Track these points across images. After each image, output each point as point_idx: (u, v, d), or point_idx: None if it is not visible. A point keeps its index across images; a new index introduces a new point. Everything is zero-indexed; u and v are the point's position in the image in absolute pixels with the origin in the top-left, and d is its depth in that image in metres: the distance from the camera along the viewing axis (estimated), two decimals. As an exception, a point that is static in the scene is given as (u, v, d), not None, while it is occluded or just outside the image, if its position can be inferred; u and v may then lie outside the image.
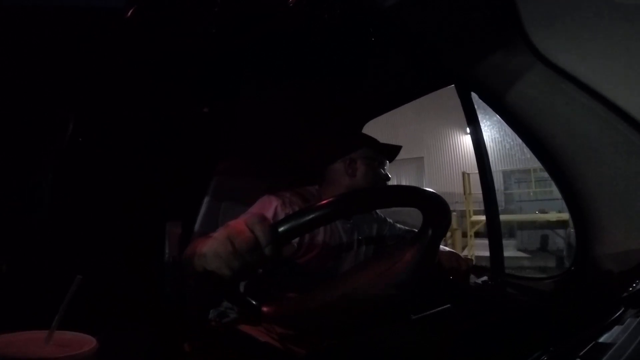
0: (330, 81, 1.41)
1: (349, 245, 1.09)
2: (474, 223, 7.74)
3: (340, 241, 1.07)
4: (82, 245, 1.18)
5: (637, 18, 0.67)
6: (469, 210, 7.93)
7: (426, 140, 11.00)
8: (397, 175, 10.51)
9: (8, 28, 0.89)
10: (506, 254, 1.12)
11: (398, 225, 1.26)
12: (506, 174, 8.99)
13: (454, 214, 7.33)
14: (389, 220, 1.25)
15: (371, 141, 1.14)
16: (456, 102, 1.18)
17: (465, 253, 6.81)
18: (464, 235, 7.68)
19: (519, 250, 7.38)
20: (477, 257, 6.24)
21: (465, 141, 10.42)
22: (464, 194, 8.07)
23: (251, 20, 1.00)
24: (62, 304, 0.46)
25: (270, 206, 1.00)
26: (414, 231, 1.25)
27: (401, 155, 1.19)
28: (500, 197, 8.24)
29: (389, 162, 1.16)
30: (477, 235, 7.62)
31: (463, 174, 8.38)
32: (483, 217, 8.07)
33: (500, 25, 0.85)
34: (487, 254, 1.19)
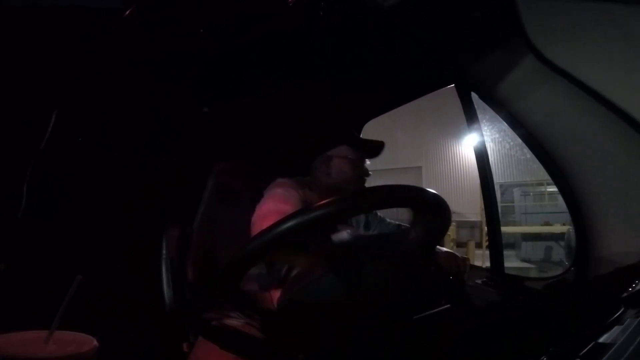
0: (330, 81, 1.41)
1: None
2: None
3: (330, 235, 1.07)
4: (82, 246, 1.18)
5: (636, 19, 0.67)
6: (484, 221, 7.90)
7: (425, 149, 10.72)
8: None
9: (8, 28, 0.89)
10: (510, 264, 1.11)
11: (388, 220, 1.26)
12: (502, 187, 9.06)
13: (452, 224, 7.34)
14: (379, 214, 1.25)
15: (349, 138, 1.14)
16: (457, 110, 1.17)
17: (479, 264, 6.72)
18: (477, 246, 7.61)
19: (523, 260, 7.31)
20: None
21: (465, 152, 10.12)
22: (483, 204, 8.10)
23: (251, 20, 1.00)
24: (62, 304, 0.46)
25: (290, 195, 1.02)
26: (405, 225, 1.26)
27: (398, 164, 1.18)
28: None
29: (372, 158, 1.14)
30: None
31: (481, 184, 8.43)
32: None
33: (501, 25, 0.85)
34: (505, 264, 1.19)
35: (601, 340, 0.42)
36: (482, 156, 1.22)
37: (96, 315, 0.81)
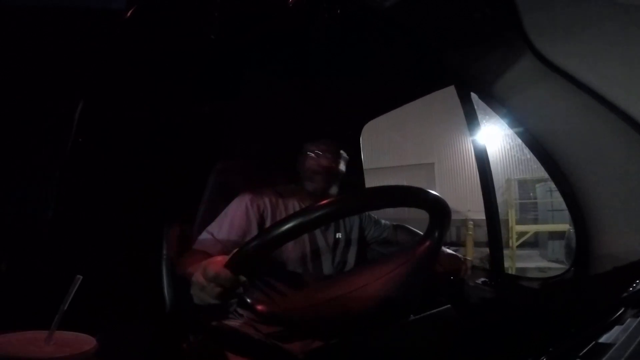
0: (330, 81, 1.41)
1: (330, 241, 1.09)
2: (521, 234, 7.11)
3: (320, 238, 1.07)
4: (82, 246, 1.18)
5: (636, 18, 0.67)
6: (512, 219, 7.30)
7: (437, 145, 10.18)
8: (404, 182, 9.54)
9: (8, 28, 0.89)
10: (536, 264, 1.09)
11: (383, 221, 1.26)
12: (521, 183, 8.52)
13: (469, 223, 6.95)
14: (373, 216, 1.25)
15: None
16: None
17: (506, 265, 6.22)
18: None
19: (551, 260, 6.94)
20: (521, 269, 5.97)
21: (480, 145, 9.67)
22: (508, 201, 7.53)
23: (251, 21, 1.00)
24: (62, 304, 0.46)
25: (240, 206, 1.03)
26: (400, 225, 1.26)
27: (409, 160, 1.16)
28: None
29: (338, 153, 1.14)
30: (523, 245, 7.15)
31: (507, 180, 7.84)
32: (528, 227, 7.42)
33: (501, 25, 0.85)
34: (532, 264, 1.17)
35: (601, 340, 0.42)
36: (481, 156, 1.22)
37: (96, 315, 0.81)
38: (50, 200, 1.13)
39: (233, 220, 1.00)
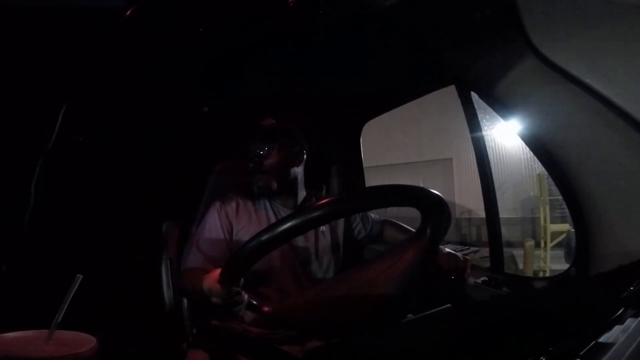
0: (330, 81, 1.41)
1: (315, 239, 1.08)
2: (555, 234, 6.49)
3: (301, 239, 1.07)
4: (82, 245, 1.18)
5: (637, 18, 0.67)
6: (545, 218, 6.71)
7: (456, 139, 9.22)
8: (420, 179, 9.00)
9: (8, 28, 0.89)
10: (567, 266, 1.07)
11: (372, 215, 1.25)
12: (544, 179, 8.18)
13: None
14: None
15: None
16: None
17: (537, 267, 5.78)
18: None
19: None
20: (555, 270, 5.74)
21: (501, 142, 8.29)
22: (540, 198, 6.97)
23: (251, 21, 1.00)
24: (62, 303, 0.46)
25: (213, 214, 1.04)
26: (389, 220, 1.25)
27: (425, 156, 1.13)
28: (534, 204, 7.52)
29: (267, 142, 1.11)
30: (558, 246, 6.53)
31: (538, 176, 7.20)
32: (563, 226, 6.56)
33: (501, 25, 0.85)
34: (564, 266, 1.13)
35: (601, 340, 0.42)
36: (481, 155, 1.22)
37: (96, 315, 0.81)
38: (50, 200, 1.13)
39: (209, 229, 1.01)
